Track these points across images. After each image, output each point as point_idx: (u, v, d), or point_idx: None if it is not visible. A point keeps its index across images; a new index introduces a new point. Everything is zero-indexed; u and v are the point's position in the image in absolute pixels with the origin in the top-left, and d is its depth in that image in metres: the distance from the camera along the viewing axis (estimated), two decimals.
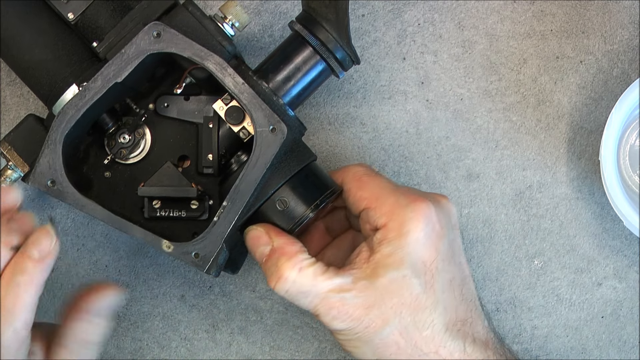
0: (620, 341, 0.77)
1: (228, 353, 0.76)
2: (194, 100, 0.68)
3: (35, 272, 0.57)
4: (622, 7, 0.76)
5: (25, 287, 0.57)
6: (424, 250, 0.63)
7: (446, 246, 0.65)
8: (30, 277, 0.57)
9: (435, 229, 0.64)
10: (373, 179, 0.67)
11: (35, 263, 0.57)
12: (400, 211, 0.64)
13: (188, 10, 0.65)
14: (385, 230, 0.64)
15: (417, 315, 0.63)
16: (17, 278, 0.57)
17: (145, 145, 0.68)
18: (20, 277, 0.57)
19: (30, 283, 0.57)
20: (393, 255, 0.63)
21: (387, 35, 0.76)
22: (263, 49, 0.76)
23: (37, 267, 0.57)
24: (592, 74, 0.76)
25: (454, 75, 0.76)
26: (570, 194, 0.76)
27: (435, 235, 0.64)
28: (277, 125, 0.63)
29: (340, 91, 0.76)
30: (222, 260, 0.63)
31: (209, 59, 0.63)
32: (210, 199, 0.68)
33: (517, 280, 0.77)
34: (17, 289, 0.56)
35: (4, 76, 0.75)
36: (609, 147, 0.70)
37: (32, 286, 0.57)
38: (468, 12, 0.76)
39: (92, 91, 0.63)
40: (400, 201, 0.64)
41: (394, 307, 0.63)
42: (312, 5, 0.66)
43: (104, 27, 0.65)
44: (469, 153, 0.76)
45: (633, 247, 0.76)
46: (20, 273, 0.57)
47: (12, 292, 0.56)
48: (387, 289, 0.63)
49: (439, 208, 0.65)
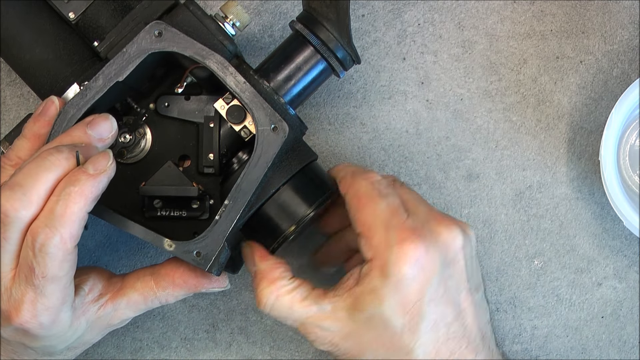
0: (620, 341, 0.77)
1: (228, 353, 0.76)
2: (195, 100, 0.68)
3: (86, 185, 0.58)
4: (622, 7, 0.76)
5: (75, 198, 0.58)
6: (405, 293, 0.62)
7: (434, 286, 0.63)
8: (82, 189, 0.58)
9: (424, 269, 0.62)
10: (370, 203, 0.64)
11: (89, 176, 0.59)
12: (386, 251, 0.62)
13: (189, 10, 0.65)
14: (371, 266, 0.63)
15: (393, 354, 0.63)
16: (69, 188, 0.58)
17: (146, 144, 0.68)
18: (72, 187, 0.58)
19: (80, 194, 0.58)
20: (374, 292, 0.62)
21: (387, 35, 0.76)
22: (263, 49, 0.76)
23: (89, 181, 0.58)
24: (592, 74, 0.76)
25: (454, 75, 0.76)
26: (570, 194, 0.76)
27: (422, 277, 0.62)
28: (278, 124, 0.63)
29: (340, 91, 0.76)
30: (224, 259, 0.63)
31: (210, 58, 0.63)
32: (211, 199, 0.68)
33: (517, 280, 0.77)
34: (67, 198, 0.58)
35: (4, 76, 0.75)
36: (609, 147, 0.70)
37: (82, 198, 0.58)
38: (468, 12, 0.76)
39: (94, 90, 0.63)
40: (389, 240, 0.63)
41: (370, 342, 0.63)
42: (312, 5, 0.66)
43: (104, 27, 0.65)
44: (469, 153, 0.76)
45: (633, 247, 0.76)
46: (73, 184, 0.58)
47: (63, 200, 0.58)
48: (364, 324, 0.63)
49: (433, 246, 0.63)
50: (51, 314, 0.59)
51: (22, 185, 0.58)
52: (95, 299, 0.65)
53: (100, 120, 0.62)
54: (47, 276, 0.58)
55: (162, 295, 0.66)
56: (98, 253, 0.76)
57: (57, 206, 0.57)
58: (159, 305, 0.67)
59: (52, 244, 0.57)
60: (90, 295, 0.64)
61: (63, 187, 0.58)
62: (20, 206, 0.57)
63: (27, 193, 0.57)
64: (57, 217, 0.57)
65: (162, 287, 0.66)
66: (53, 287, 0.59)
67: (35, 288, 0.58)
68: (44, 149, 0.60)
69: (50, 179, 0.58)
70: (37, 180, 0.58)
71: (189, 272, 0.66)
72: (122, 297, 0.65)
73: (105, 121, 0.62)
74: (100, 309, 0.65)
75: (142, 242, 0.75)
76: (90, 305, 0.64)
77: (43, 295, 0.58)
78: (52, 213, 0.57)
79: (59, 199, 0.58)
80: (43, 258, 0.57)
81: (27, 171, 0.58)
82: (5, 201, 0.57)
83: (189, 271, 0.66)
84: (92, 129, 0.61)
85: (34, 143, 0.63)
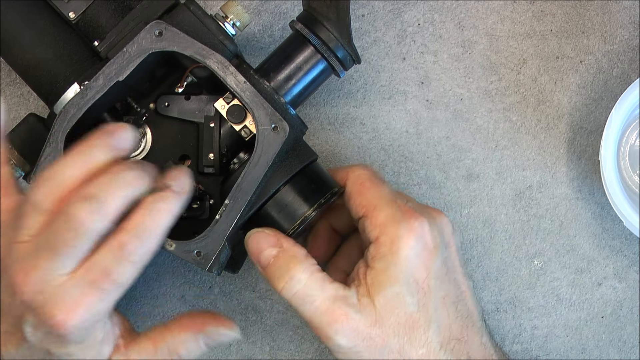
0: (620, 341, 0.77)
1: (228, 353, 0.76)
2: (195, 100, 0.68)
3: (174, 203, 0.59)
4: (622, 7, 0.76)
5: (164, 215, 0.59)
6: (415, 268, 0.63)
7: (438, 264, 0.64)
8: (170, 206, 0.59)
9: (427, 247, 0.64)
10: (374, 186, 0.66)
11: (175, 195, 0.60)
12: (393, 226, 0.63)
13: (189, 10, 0.65)
14: (377, 245, 0.64)
15: (413, 333, 0.63)
16: (158, 204, 0.59)
17: (146, 144, 0.68)
18: (162, 204, 0.59)
19: (168, 212, 0.59)
20: (386, 271, 0.63)
21: (387, 35, 0.76)
22: (263, 49, 0.76)
23: (175, 199, 0.60)
24: (592, 74, 0.76)
25: (454, 75, 0.76)
26: (570, 194, 0.76)
27: (427, 253, 0.64)
28: (279, 123, 0.63)
29: (340, 91, 0.76)
30: (224, 259, 0.63)
31: (211, 58, 0.63)
32: (211, 199, 0.68)
33: (517, 280, 0.77)
34: (156, 214, 0.59)
35: (4, 76, 0.75)
36: (609, 147, 0.70)
37: (170, 215, 0.59)
38: (468, 12, 0.76)
39: (94, 90, 0.63)
40: (395, 215, 0.64)
41: (392, 326, 0.63)
42: (313, 5, 0.66)
43: (105, 27, 0.65)
44: (469, 153, 0.76)
45: (633, 247, 0.76)
46: (163, 200, 0.59)
47: (154, 215, 0.59)
48: (384, 308, 0.63)
49: (433, 225, 0.65)
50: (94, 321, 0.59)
51: (98, 198, 0.57)
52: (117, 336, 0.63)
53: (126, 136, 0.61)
54: (120, 283, 0.58)
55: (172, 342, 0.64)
56: None
57: (147, 220, 0.58)
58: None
59: (139, 253, 0.58)
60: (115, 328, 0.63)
61: (152, 202, 0.59)
62: (97, 218, 0.57)
63: (104, 206, 0.57)
64: (146, 230, 0.58)
65: (170, 332, 0.64)
66: (116, 294, 0.58)
67: (101, 292, 0.58)
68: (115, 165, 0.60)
69: (123, 196, 0.58)
70: (113, 195, 0.58)
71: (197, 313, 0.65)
72: (134, 345, 0.64)
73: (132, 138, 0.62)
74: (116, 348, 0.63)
75: None
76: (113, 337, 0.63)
77: (103, 300, 0.58)
78: (143, 225, 0.58)
79: (149, 213, 0.59)
80: (125, 266, 0.58)
81: (101, 184, 0.58)
82: (81, 211, 0.57)
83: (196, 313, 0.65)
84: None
85: None
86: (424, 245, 0.64)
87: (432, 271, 0.64)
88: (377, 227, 0.64)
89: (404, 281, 0.63)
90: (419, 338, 0.63)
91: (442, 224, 0.66)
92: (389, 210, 0.64)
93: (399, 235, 0.63)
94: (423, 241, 0.64)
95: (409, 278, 0.63)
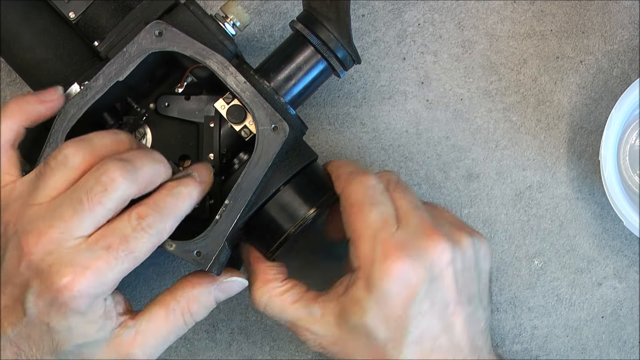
0: (620, 341, 0.77)
1: (228, 353, 0.76)
2: (195, 100, 0.68)
3: (194, 190, 0.61)
4: (622, 7, 0.76)
5: (185, 198, 0.61)
6: (389, 307, 0.62)
7: (419, 302, 0.63)
8: (190, 191, 0.61)
9: (408, 285, 0.62)
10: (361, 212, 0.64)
11: (196, 183, 0.62)
12: (371, 265, 0.63)
13: (189, 10, 0.65)
14: (357, 276, 0.63)
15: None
16: (180, 188, 0.61)
17: (146, 144, 0.68)
18: (184, 188, 0.61)
19: (189, 196, 0.61)
20: (359, 303, 0.63)
21: (387, 35, 0.76)
22: (263, 49, 0.76)
23: (196, 186, 0.61)
24: (592, 74, 0.76)
25: (454, 75, 0.76)
26: (570, 194, 0.76)
27: (406, 292, 0.62)
28: (279, 123, 0.63)
29: (340, 91, 0.76)
30: (224, 259, 0.63)
31: (211, 58, 0.63)
32: (211, 199, 0.68)
33: (517, 280, 0.77)
34: (178, 196, 0.60)
35: (4, 76, 0.75)
36: (609, 147, 0.70)
37: (190, 199, 0.61)
38: (468, 12, 0.76)
39: (94, 90, 0.63)
40: (375, 253, 0.63)
41: (355, 350, 0.64)
42: (313, 5, 0.66)
43: (105, 27, 0.65)
44: (469, 153, 0.76)
45: (633, 247, 0.76)
46: (184, 185, 0.61)
47: (175, 197, 0.60)
48: (350, 332, 0.64)
49: (419, 262, 0.62)
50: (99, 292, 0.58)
51: (133, 162, 0.59)
52: (120, 313, 0.62)
53: None
54: (134, 253, 0.58)
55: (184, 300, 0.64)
56: None
57: (168, 199, 0.60)
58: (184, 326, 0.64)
59: (157, 227, 0.59)
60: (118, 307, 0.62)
61: (175, 186, 0.60)
62: (129, 179, 0.58)
63: (137, 171, 0.59)
64: (166, 208, 0.59)
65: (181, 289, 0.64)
66: (128, 266, 0.59)
67: (114, 259, 0.58)
68: None
69: (156, 170, 0.60)
70: (145, 164, 0.59)
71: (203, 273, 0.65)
72: (143, 315, 0.63)
73: None
74: (121, 325, 0.62)
75: None
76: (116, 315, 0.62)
77: (113, 268, 0.58)
78: (163, 203, 0.60)
79: (171, 193, 0.60)
80: (143, 236, 0.58)
81: (137, 154, 0.60)
82: (116, 169, 0.58)
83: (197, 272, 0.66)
84: None
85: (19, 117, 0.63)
86: (404, 285, 0.62)
87: (409, 309, 0.62)
88: (357, 259, 0.64)
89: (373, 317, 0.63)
90: None
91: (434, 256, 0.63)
92: (368, 246, 0.63)
93: (374, 276, 0.62)
94: (401, 281, 0.62)
95: (380, 316, 0.62)
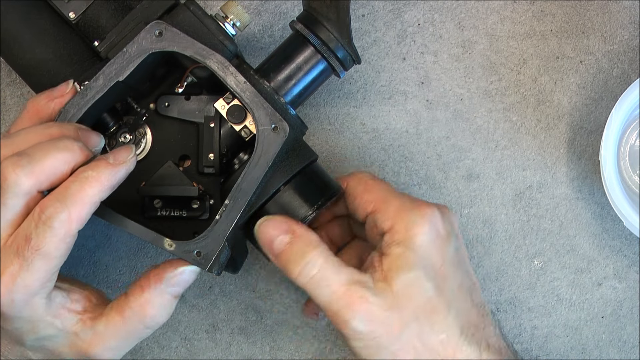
0: (620, 341, 0.77)
1: (228, 353, 0.76)
2: (195, 100, 0.68)
3: (104, 173, 0.59)
4: (622, 7, 0.76)
5: (91, 182, 0.58)
6: (431, 254, 0.63)
7: (452, 252, 0.64)
8: (99, 174, 0.59)
9: (440, 234, 0.64)
10: (379, 183, 0.67)
11: (108, 165, 0.59)
12: (406, 214, 0.64)
13: (189, 10, 0.65)
14: (392, 233, 0.64)
15: (432, 318, 0.62)
16: (87, 172, 0.58)
17: (146, 144, 0.68)
18: (91, 172, 0.59)
19: (97, 180, 0.58)
20: (403, 256, 0.63)
21: (387, 35, 0.76)
22: (263, 49, 0.76)
23: (107, 169, 0.59)
24: (592, 74, 0.76)
25: (454, 75, 0.76)
26: (570, 194, 0.76)
27: (440, 240, 0.64)
28: (279, 123, 0.63)
29: (340, 91, 0.76)
30: (224, 259, 0.63)
31: (211, 58, 0.63)
32: (211, 199, 0.68)
33: (517, 280, 0.77)
34: (83, 181, 0.58)
35: (4, 76, 0.75)
36: (609, 147, 0.70)
37: (98, 183, 0.58)
38: (468, 12, 0.76)
39: (94, 90, 0.63)
40: (406, 204, 0.64)
41: (411, 311, 0.62)
42: (313, 5, 0.66)
43: (105, 27, 0.65)
44: (469, 153, 0.76)
45: (633, 247, 0.76)
46: (91, 169, 0.59)
47: (79, 182, 0.58)
48: (402, 292, 0.62)
49: (443, 215, 0.65)
50: (26, 294, 0.58)
51: (30, 155, 0.57)
52: (78, 311, 0.62)
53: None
54: (40, 250, 0.57)
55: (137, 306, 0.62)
56: (98, 253, 0.76)
57: (72, 185, 0.58)
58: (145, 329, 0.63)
59: (58, 218, 0.57)
60: (75, 305, 0.62)
61: (82, 171, 0.59)
62: (22, 173, 0.57)
63: (33, 163, 0.57)
64: (69, 195, 0.58)
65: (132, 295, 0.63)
66: (40, 265, 0.57)
67: (23, 260, 0.57)
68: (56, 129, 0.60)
69: (59, 158, 0.58)
70: (46, 155, 0.58)
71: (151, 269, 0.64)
72: (101, 318, 0.63)
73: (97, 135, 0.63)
74: (79, 323, 0.62)
75: (142, 242, 0.75)
76: (69, 313, 0.62)
77: (27, 270, 0.57)
78: (66, 190, 0.58)
79: (76, 180, 0.58)
80: (44, 230, 0.57)
81: (39, 146, 0.58)
82: (7, 166, 0.57)
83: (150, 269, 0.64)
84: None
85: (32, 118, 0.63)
86: (437, 233, 0.64)
87: (446, 258, 0.64)
88: (389, 218, 0.64)
89: (421, 265, 0.62)
90: (439, 323, 0.63)
91: (450, 215, 0.66)
92: (399, 201, 0.65)
93: (413, 222, 0.63)
94: (436, 229, 0.64)
95: (426, 263, 0.63)
